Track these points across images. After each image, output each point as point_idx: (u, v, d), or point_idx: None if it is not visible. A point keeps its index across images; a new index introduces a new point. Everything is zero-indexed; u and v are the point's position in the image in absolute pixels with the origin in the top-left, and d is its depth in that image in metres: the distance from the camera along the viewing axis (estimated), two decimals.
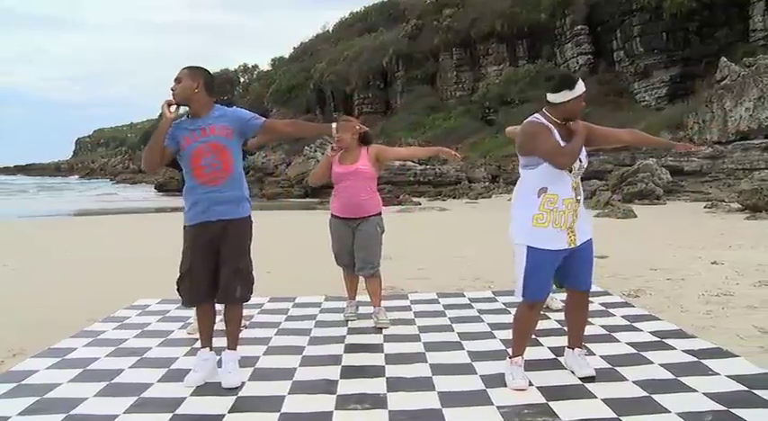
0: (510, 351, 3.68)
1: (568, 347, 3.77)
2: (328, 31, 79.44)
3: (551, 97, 3.49)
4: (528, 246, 3.47)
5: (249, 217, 3.86)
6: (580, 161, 3.52)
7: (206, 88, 3.75)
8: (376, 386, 3.54)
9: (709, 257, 7.85)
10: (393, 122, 51.55)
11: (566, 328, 4.02)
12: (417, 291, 6.33)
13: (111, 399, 3.46)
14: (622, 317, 4.94)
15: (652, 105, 34.23)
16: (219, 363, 3.83)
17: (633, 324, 4.71)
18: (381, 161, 5.10)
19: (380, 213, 5.11)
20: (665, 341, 4.21)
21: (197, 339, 4.05)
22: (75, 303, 6.11)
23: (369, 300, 5.09)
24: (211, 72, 3.89)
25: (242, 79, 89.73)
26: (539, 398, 3.28)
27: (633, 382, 3.46)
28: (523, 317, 3.62)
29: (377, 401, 3.32)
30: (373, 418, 3.13)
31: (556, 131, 3.46)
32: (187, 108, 3.77)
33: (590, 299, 5.45)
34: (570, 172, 3.48)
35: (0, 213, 23.80)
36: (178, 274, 3.83)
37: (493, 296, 5.86)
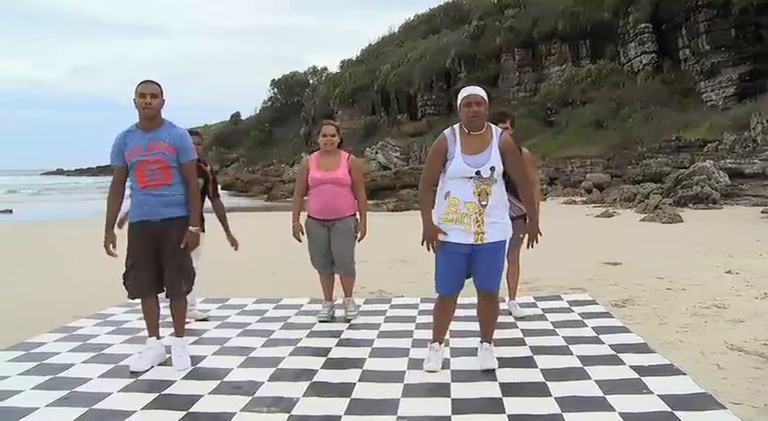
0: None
1: (480, 341, 3.96)
2: (394, 32, 79.67)
3: None
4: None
5: (187, 217, 4.07)
6: (478, 173, 3.63)
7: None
8: (296, 390, 3.54)
9: (728, 266, 7.47)
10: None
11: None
12: (403, 295, 6.28)
13: (42, 392, 3.60)
14: (593, 328, 4.77)
15: (719, 105, 32.63)
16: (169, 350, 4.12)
17: (599, 336, 4.54)
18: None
19: (355, 214, 5.32)
20: (620, 355, 4.03)
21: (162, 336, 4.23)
22: (74, 299, 6.32)
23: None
24: None
25: (311, 81, 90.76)
26: (445, 411, 3.20)
27: (555, 398, 3.33)
28: (437, 308, 3.95)
29: (288, 405, 3.32)
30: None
31: (458, 141, 3.70)
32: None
33: (571, 307, 5.47)
34: (470, 179, 3.63)
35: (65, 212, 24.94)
36: (124, 269, 4.09)
37: (473, 302, 5.74)
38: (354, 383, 3.64)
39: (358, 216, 5.30)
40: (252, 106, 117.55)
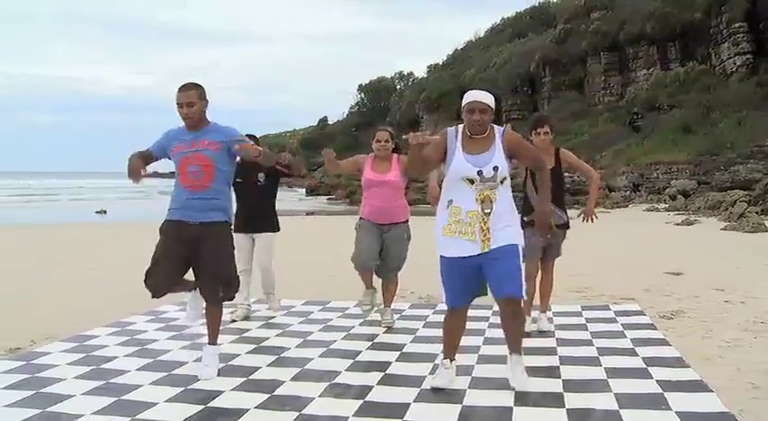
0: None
1: (509, 352, 3.72)
2: (480, 37, 79.21)
3: None
4: (440, 256, 3.65)
5: (227, 222, 4.14)
6: (480, 172, 3.49)
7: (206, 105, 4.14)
8: (314, 390, 3.62)
9: None
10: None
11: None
12: None
13: (82, 382, 3.84)
14: (631, 339, 4.63)
15: None
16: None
17: (635, 348, 4.40)
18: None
19: (408, 221, 5.30)
20: (650, 369, 3.90)
21: (204, 334, 4.31)
22: (136, 296, 6.64)
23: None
24: None
25: (398, 86, 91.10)
26: (452, 418, 3.21)
27: (568, 410, 3.27)
28: (445, 321, 3.81)
29: (301, 405, 3.40)
30: (277, 418, 3.25)
31: (459, 140, 3.57)
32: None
33: (616, 318, 5.33)
34: (472, 184, 3.51)
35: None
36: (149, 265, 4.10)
37: None
38: (372, 386, 3.69)
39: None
40: (339, 111, 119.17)
